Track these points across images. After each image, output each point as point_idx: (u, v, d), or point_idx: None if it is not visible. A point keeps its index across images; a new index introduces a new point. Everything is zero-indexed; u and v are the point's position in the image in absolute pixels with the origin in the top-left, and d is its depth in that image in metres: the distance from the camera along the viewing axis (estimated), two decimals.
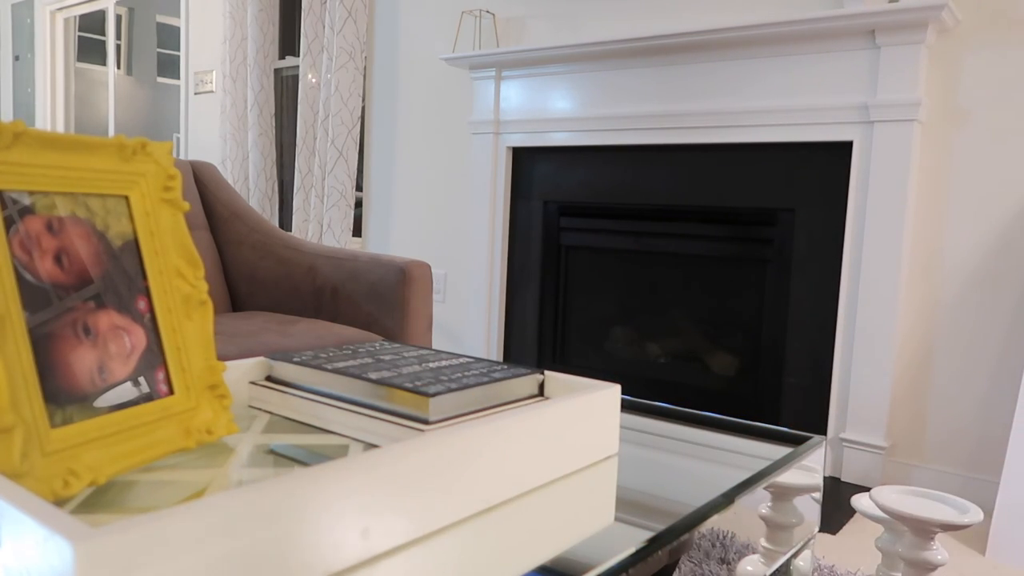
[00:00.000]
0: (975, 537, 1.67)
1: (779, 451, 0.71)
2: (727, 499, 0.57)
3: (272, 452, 0.57)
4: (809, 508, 0.74)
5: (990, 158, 1.84)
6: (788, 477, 0.68)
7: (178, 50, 4.10)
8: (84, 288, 0.48)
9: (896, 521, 1.08)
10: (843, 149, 2.01)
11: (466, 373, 0.64)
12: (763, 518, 0.69)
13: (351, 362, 0.67)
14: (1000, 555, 1.57)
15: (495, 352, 2.77)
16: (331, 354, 0.70)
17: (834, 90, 1.99)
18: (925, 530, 1.05)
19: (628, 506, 0.57)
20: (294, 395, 0.64)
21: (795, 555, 0.73)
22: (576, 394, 0.60)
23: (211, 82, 3.89)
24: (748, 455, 0.73)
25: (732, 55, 2.16)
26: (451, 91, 2.92)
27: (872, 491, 1.12)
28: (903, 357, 1.98)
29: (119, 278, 0.51)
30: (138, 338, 0.51)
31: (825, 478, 2.03)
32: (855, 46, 1.95)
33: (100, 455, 0.46)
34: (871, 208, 1.94)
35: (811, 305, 2.09)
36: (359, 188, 3.24)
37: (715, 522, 0.55)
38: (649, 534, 0.49)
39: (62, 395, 0.45)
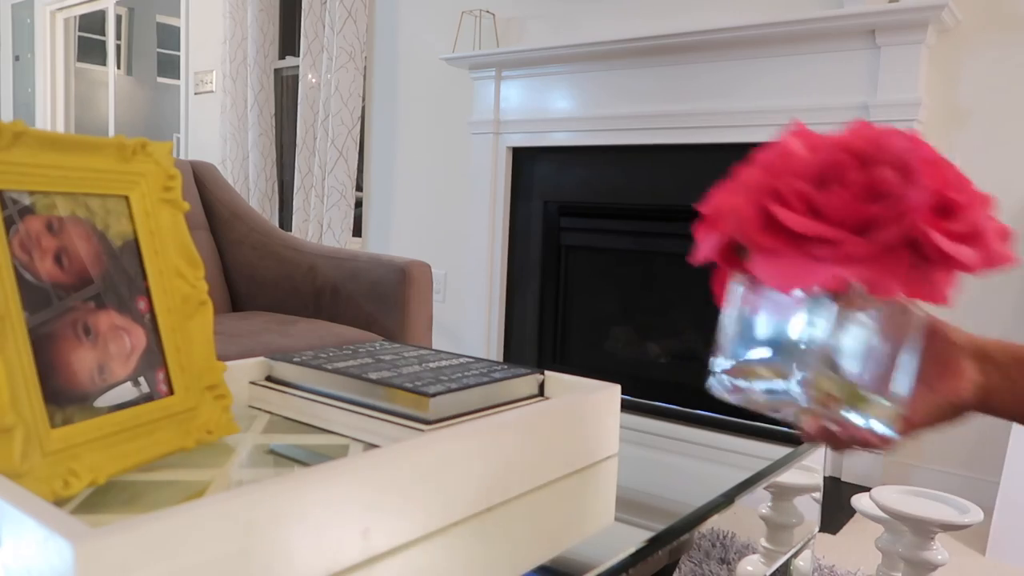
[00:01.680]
0: (975, 537, 1.67)
1: (779, 451, 0.71)
2: (727, 499, 0.57)
3: (272, 452, 0.57)
4: (809, 508, 0.74)
5: (990, 158, 1.84)
6: (788, 477, 0.68)
7: (178, 50, 4.10)
8: (84, 288, 0.48)
9: (896, 521, 1.08)
10: None
11: (466, 373, 0.64)
12: (763, 518, 0.69)
13: (351, 362, 0.67)
14: (1000, 555, 1.57)
15: (495, 352, 2.77)
16: (331, 354, 0.70)
17: (834, 90, 1.99)
18: (925, 530, 1.05)
19: (628, 506, 0.57)
20: (294, 395, 0.64)
21: (795, 555, 0.73)
22: (576, 394, 0.60)
23: (211, 82, 3.89)
24: (748, 455, 0.73)
25: (732, 55, 2.16)
26: (451, 91, 2.92)
27: (872, 491, 1.12)
28: None
29: (119, 278, 0.51)
30: (138, 338, 0.51)
31: (825, 478, 2.03)
32: (855, 46, 1.95)
33: (100, 455, 0.46)
34: None
35: None
36: (359, 188, 3.24)
37: (715, 522, 0.55)
38: (649, 534, 0.49)
39: (62, 395, 0.45)
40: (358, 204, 3.26)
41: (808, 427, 0.47)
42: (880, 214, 0.44)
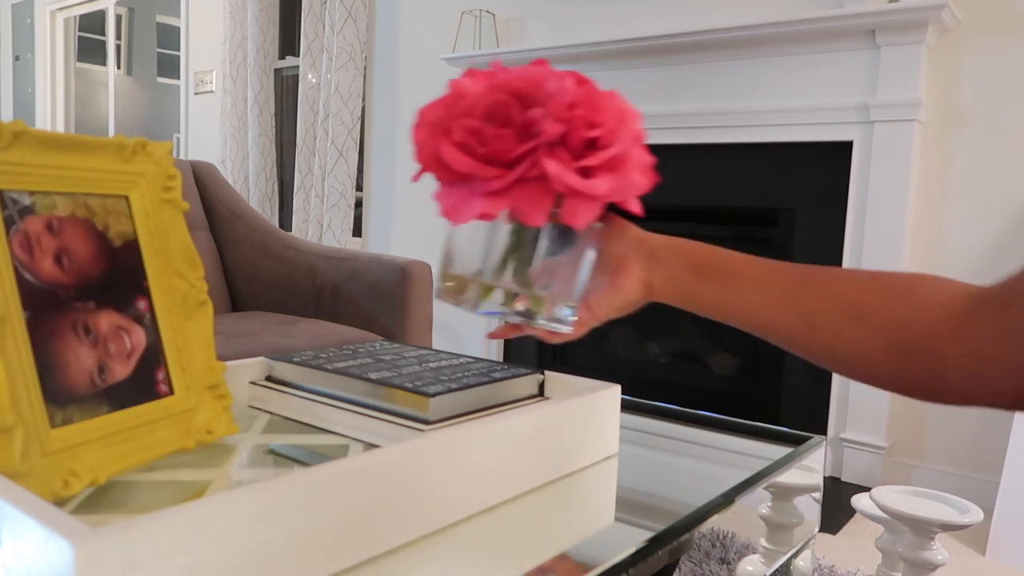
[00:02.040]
0: (975, 537, 1.67)
1: (779, 451, 0.71)
2: (727, 499, 0.57)
3: (272, 452, 0.57)
4: (809, 508, 0.74)
5: (990, 158, 1.84)
6: (788, 477, 0.68)
7: (178, 50, 4.09)
8: (84, 288, 0.48)
9: (896, 521, 1.08)
10: (843, 149, 2.01)
11: (466, 373, 0.64)
12: (763, 518, 0.69)
13: (351, 362, 0.67)
14: (1000, 555, 1.57)
15: (495, 352, 2.77)
16: (331, 354, 0.70)
17: (834, 90, 1.99)
18: (925, 530, 1.05)
19: (628, 506, 0.57)
20: (294, 395, 0.64)
21: (795, 555, 0.73)
22: (576, 394, 0.60)
23: (211, 82, 3.89)
24: (748, 455, 0.73)
25: (732, 55, 2.16)
26: None
27: (872, 491, 1.12)
28: None
29: (119, 278, 0.51)
30: (138, 338, 0.51)
31: (825, 478, 2.03)
32: (855, 46, 1.95)
33: (100, 455, 0.46)
34: (871, 208, 1.94)
35: None
36: (359, 188, 3.24)
37: (715, 522, 0.55)
38: (649, 534, 0.49)
39: (62, 395, 0.45)
40: (358, 204, 3.26)
41: (502, 328, 0.57)
42: (524, 151, 0.50)
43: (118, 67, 4.80)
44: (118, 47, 4.79)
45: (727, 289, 0.52)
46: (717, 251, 0.54)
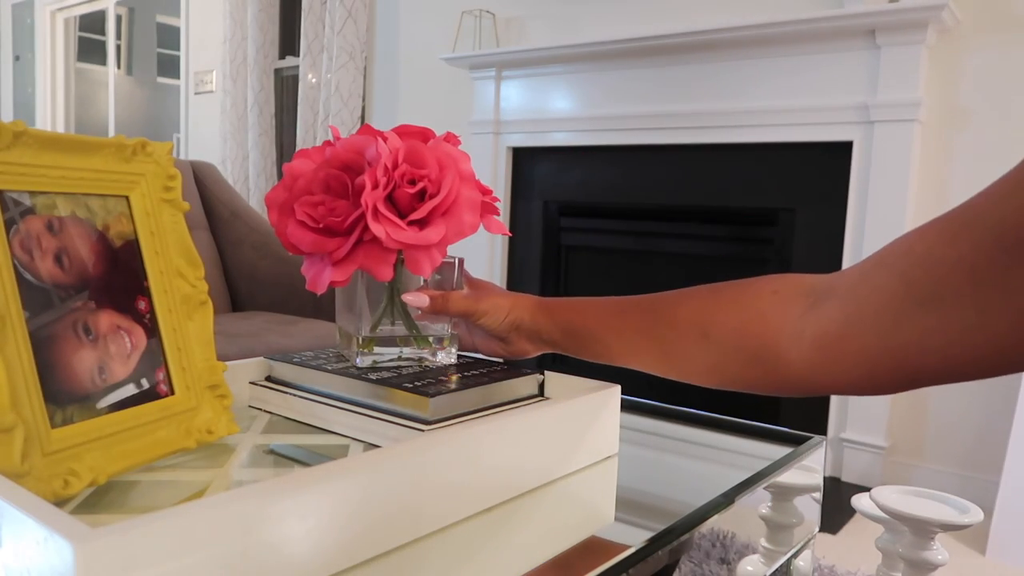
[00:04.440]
0: (975, 537, 1.67)
1: (779, 451, 0.71)
2: (727, 499, 0.57)
3: (272, 452, 0.57)
4: (809, 508, 0.74)
5: (990, 158, 1.84)
6: (788, 477, 0.68)
7: (178, 50, 4.09)
8: (84, 288, 0.48)
9: (896, 521, 1.08)
10: (843, 149, 2.01)
11: (466, 373, 0.64)
12: (763, 518, 0.69)
13: (351, 362, 0.67)
14: (1000, 555, 1.58)
15: None
16: (331, 354, 0.70)
17: (834, 90, 1.99)
18: (925, 530, 1.05)
19: (628, 506, 0.57)
20: (294, 395, 0.64)
21: (795, 555, 0.73)
22: (576, 394, 0.60)
23: (211, 82, 3.89)
24: (748, 455, 0.73)
25: (732, 55, 2.16)
26: (451, 91, 2.92)
27: (872, 491, 1.12)
28: None
29: (119, 278, 0.51)
30: (138, 338, 0.51)
31: (825, 478, 2.03)
32: (855, 46, 1.95)
33: (100, 455, 0.46)
34: (871, 208, 1.94)
35: None
36: None
37: (715, 522, 0.55)
38: (649, 534, 0.49)
39: (62, 395, 0.45)
40: None
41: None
42: (354, 219, 0.55)
43: (118, 67, 4.80)
44: (118, 47, 4.79)
45: (596, 343, 0.61)
46: (585, 314, 0.63)
